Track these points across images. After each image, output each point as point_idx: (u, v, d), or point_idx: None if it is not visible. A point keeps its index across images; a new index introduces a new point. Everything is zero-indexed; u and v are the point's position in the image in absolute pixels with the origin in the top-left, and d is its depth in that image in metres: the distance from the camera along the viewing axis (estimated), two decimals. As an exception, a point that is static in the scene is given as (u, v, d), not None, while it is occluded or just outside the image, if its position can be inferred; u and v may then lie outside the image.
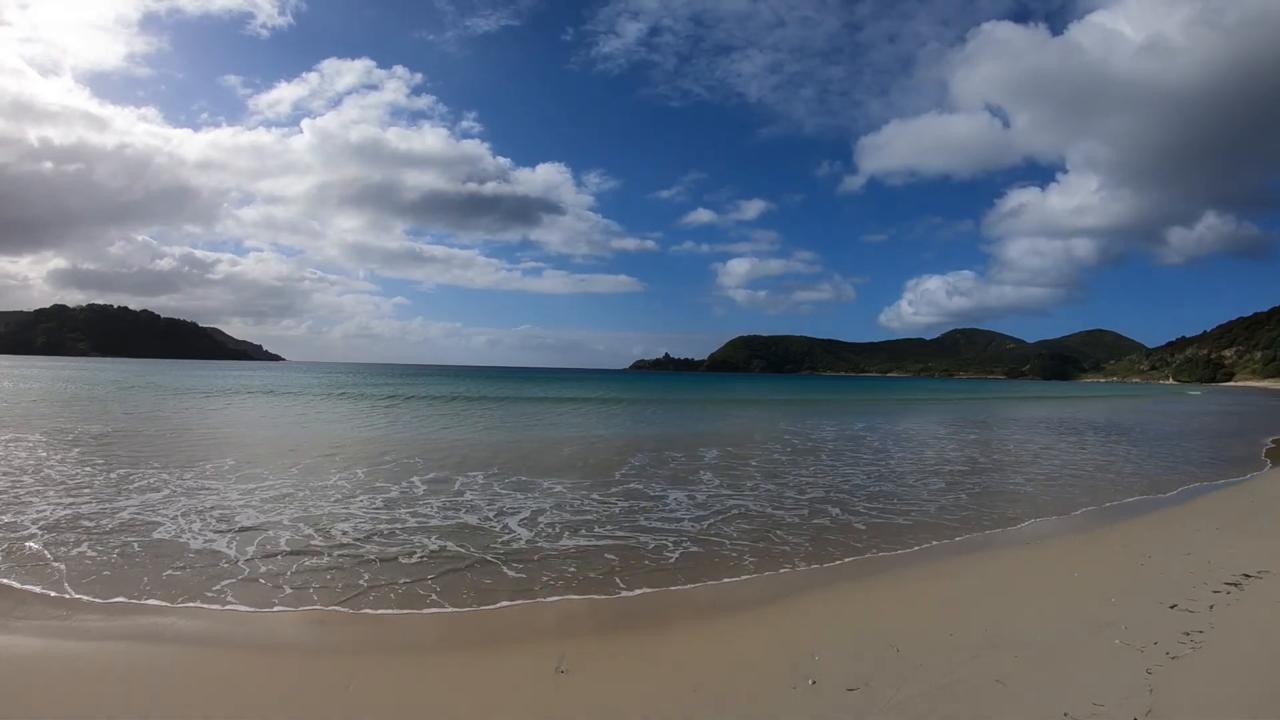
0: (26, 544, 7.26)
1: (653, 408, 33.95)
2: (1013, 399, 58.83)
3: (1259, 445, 21.26)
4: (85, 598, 5.86)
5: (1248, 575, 6.34)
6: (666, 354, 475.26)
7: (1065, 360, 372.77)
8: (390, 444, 17.23)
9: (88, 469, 11.81)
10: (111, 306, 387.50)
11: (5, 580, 6.23)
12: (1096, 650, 4.62)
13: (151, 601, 5.81)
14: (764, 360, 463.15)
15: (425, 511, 9.21)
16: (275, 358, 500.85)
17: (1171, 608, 5.44)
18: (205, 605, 5.73)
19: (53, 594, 5.91)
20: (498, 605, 5.90)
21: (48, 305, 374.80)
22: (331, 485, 10.85)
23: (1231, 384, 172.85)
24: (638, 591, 6.36)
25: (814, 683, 4.24)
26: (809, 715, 3.89)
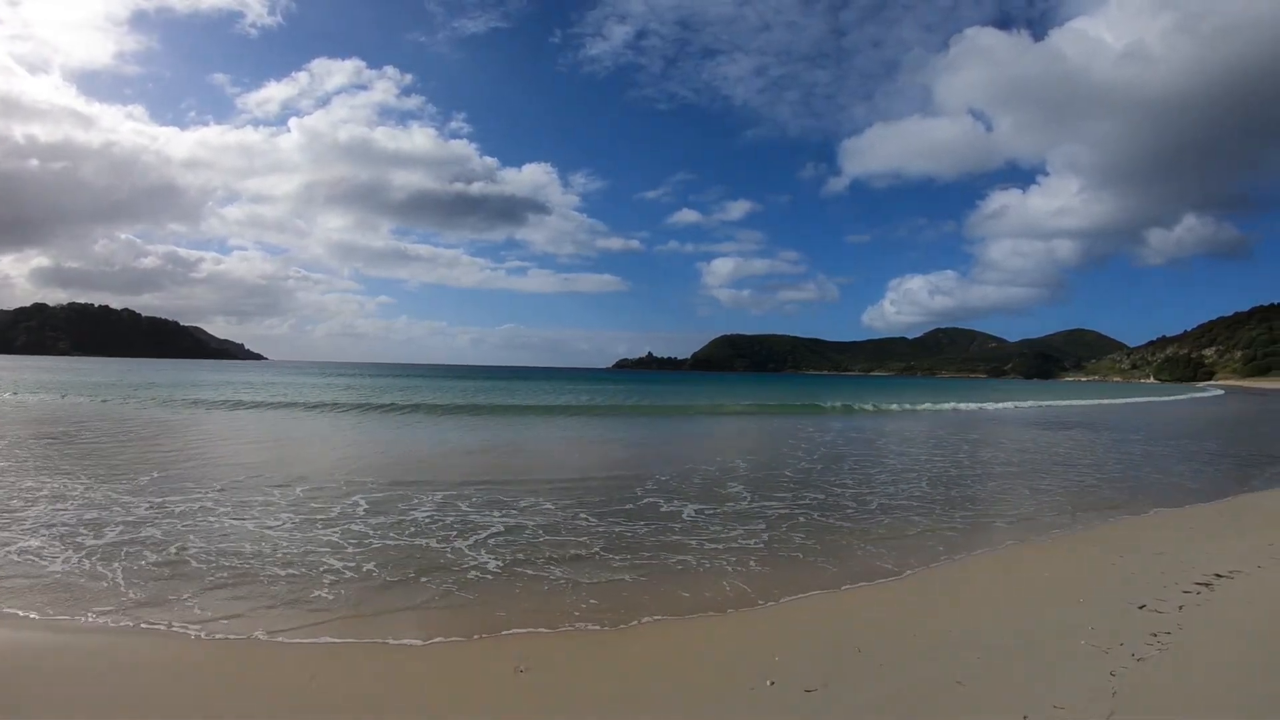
0: None
1: (645, 417, 31.92)
2: (1019, 400, 53.21)
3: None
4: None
5: (1219, 575, 6.29)
6: (650, 353, 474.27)
7: (1047, 359, 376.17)
8: (357, 456, 16.96)
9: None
10: (92, 305, 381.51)
11: None
12: (1062, 651, 4.53)
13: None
14: (747, 359, 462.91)
15: (364, 531, 7.92)
16: (257, 357, 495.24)
17: (1141, 608, 5.37)
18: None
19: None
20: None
21: (28, 304, 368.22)
22: (259, 502, 9.33)
23: (1212, 383, 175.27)
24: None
25: (772, 684, 4.11)
26: (762, 716, 3.76)
